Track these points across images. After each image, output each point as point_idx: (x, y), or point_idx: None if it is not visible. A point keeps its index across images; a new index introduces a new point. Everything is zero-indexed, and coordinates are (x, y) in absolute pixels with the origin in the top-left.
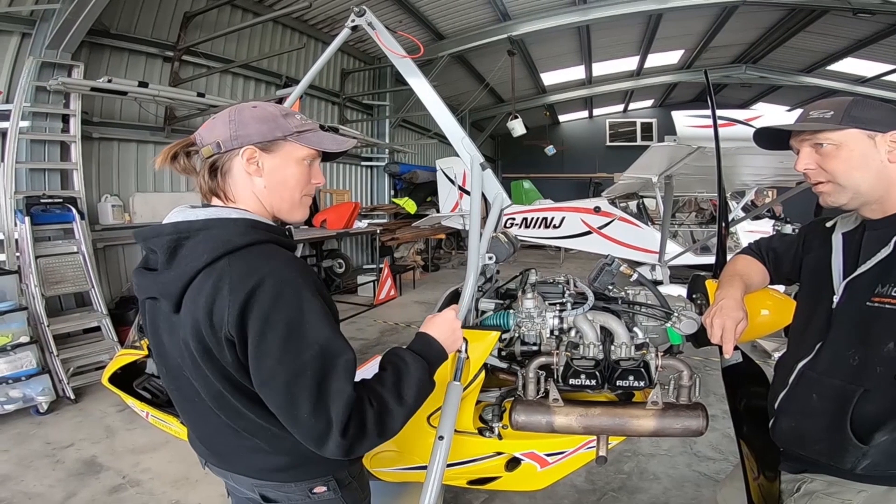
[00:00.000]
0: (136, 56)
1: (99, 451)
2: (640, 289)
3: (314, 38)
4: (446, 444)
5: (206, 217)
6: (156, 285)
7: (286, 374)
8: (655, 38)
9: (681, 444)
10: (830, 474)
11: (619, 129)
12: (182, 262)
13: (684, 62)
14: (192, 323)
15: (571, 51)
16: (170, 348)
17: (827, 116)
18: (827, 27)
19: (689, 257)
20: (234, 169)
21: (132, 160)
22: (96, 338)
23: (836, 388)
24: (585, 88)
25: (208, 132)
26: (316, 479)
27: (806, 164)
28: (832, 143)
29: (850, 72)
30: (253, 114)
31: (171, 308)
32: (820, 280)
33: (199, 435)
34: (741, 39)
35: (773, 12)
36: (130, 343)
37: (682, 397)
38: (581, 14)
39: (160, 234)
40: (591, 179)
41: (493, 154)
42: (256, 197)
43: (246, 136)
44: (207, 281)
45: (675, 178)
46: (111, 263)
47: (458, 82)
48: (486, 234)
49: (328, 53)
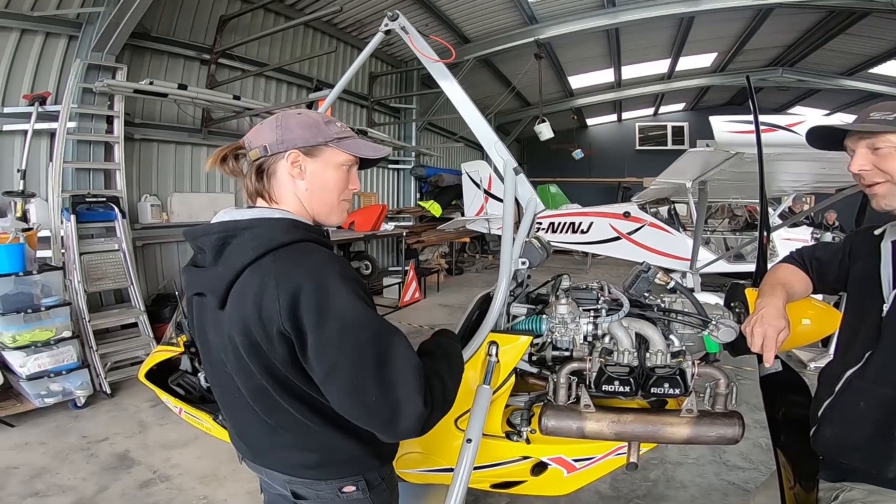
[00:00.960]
0: (174, 59)
1: (132, 446)
2: (676, 296)
3: (344, 42)
4: (474, 447)
5: (250, 217)
6: (203, 282)
7: (349, 359)
8: (687, 41)
9: (710, 453)
10: (871, 483)
11: (648, 132)
12: (228, 260)
13: (718, 65)
14: (239, 318)
15: (600, 54)
16: (214, 344)
17: (890, 118)
18: (869, 29)
19: (721, 265)
20: (279, 171)
21: (171, 161)
22: (133, 334)
23: (886, 396)
24: (614, 92)
25: (256, 136)
26: (346, 478)
27: (861, 165)
28: (892, 144)
29: (893, 74)
30: (298, 120)
31: (216, 304)
32: (869, 289)
33: (238, 430)
34: (778, 42)
35: (812, 14)
36: (167, 340)
37: (718, 405)
38: (610, 17)
39: (208, 233)
40: (619, 184)
41: (520, 158)
42: (298, 199)
43: (291, 140)
44: (253, 277)
45: (709, 184)
46: (149, 261)
47: (483, 86)
48: (520, 239)
49: (362, 58)
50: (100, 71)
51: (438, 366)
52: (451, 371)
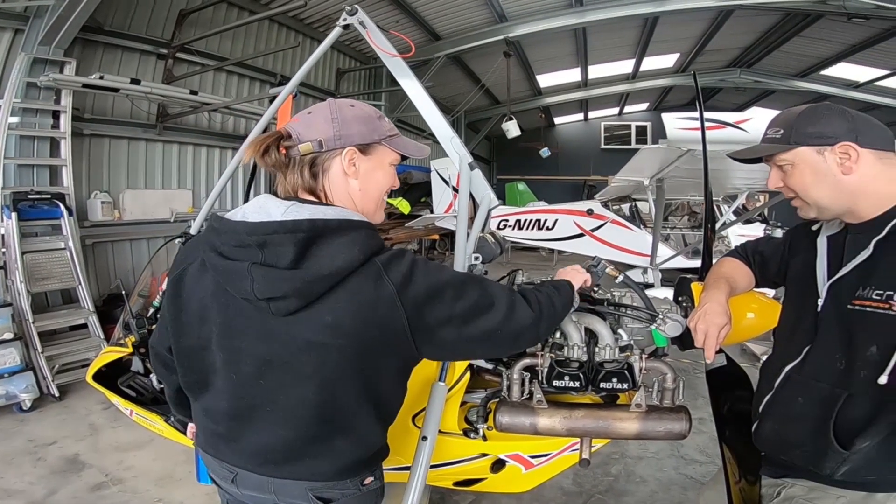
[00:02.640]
0: (129, 53)
1: (82, 449)
2: (627, 291)
3: (309, 37)
4: (430, 445)
5: (337, 217)
6: (283, 283)
7: (485, 303)
8: (651, 42)
9: (668, 447)
10: (810, 479)
11: (614, 132)
12: (326, 261)
13: (679, 66)
14: (341, 321)
15: (568, 53)
16: (256, 350)
17: (777, 136)
18: (821, 32)
19: (680, 261)
20: (334, 168)
21: (123, 157)
22: (83, 335)
23: (823, 391)
24: (581, 91)
25: (306, 128)
26: (367, 470)
27: (774, 183)
28: (787, 162)
29: (843, 76)
30: (354, 113)
31: (293, 307)
32: (806, 283)
33: (252, 447)
34: (736, 43)
35: (769, 16)
36: (115, 340)
37: (665, 400)
38: (578, 16)
39: (293, 230)
40: (585, 182)
41: (489, 156)
42: (350, 197)
43: (349, 136)
44: (364, 280)
45: (666, 182)
46: (100, 260)
47: (454, 83)
48: (473, 235)
49: (319, 51)
50: (46, 65)
51: (539, 288)
52: (553, 289)
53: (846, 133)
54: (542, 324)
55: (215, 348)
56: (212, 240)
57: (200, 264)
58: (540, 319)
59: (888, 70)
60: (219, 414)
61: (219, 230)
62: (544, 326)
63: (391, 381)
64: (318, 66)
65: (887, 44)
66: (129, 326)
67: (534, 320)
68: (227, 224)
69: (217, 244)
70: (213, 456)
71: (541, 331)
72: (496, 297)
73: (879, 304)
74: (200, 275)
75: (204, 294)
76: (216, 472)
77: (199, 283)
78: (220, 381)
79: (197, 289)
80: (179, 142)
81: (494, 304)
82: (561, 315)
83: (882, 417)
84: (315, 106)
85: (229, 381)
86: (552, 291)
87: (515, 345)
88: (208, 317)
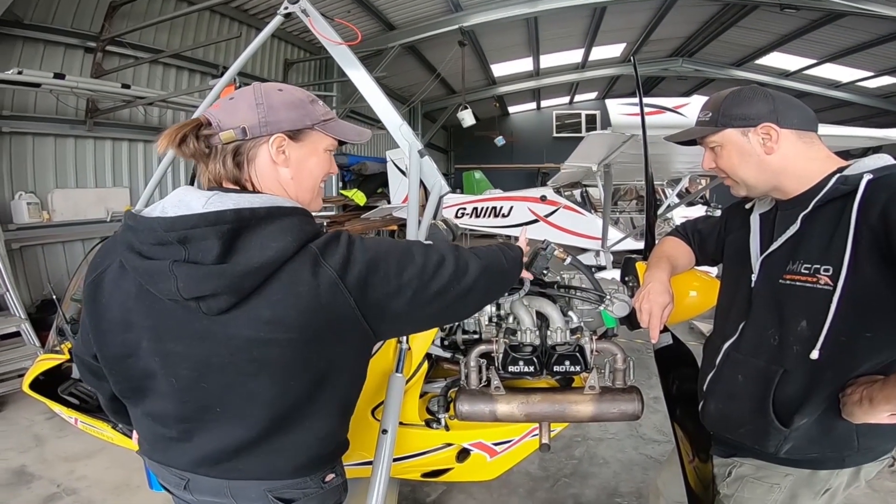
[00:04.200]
0: (53, 47)
1: (28, 461)
2: (575, 273)
3: (254, 28)
4: (391, 438)
5: (266, 205)
6: (211, 280)
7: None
8: (599, 31)
9: (627, 428)
10: (757, 458)
11: (565, 120)
12: (257, 252)
13: (626, 55)
14: (281, 314)
15: (520, 42)
16: (196, 352)
17: (707, 119)
18: (757, 22)
19: (630, 242)
20: (261, 157)
21: (50, 155)
22: (16, 343)
23: (760, 368)
24: (533, 80)
25: (228, 115)
26: (327, 466)
27: (707, 164)
28: (716, 144)
29: (775, 66)
30: (282, 98)
31: (225, 305)
32: (740, 259)
33: (204, 450)
34: (679, 33)
35: (710, 6)
36: (51, 347)
37: (617, 381)
38: (530, 6)
39: (216, 222)
40: (538, 170)
41: (446, 145)
42: (282, 186)
43: (276, 122)
44: (300, 268)
45: (613, 167)
46: (30, 265)
47: (409, 73)
48: (425, 222)
49: (258, 41)
50: None
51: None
52: (503, 245)
53: (767, 114)
54: (492, 276)
55: (147, 354)
56: (129, 239)
57: (119, 266)
58: (488, 268)
59: (816, 59)
60: (168, 417)
61: (135, 228)
62: (495, 281)
63: (346, 370)
64: (264, 57)
65: (816, 34)
66: (64, 332)
67: (482, 269)
68: (143, 221)
69: (135, 243)
70: (162, 463)
71: (492, 284)
72: (443, 253)
73: (808, 277)
74: (120, 278)
75: (126, 298)
76: (166, 480)
77: (119, 287)
78: (160, 385)
79: (117, 293)
80: (113, 138)
81: (444, 261)
82: (510, 272)
83: (817, 393)
84: (239, 91)
85: (170, 386)
86: (500, 246)
87: (468, 299)
88: (133, 322)
